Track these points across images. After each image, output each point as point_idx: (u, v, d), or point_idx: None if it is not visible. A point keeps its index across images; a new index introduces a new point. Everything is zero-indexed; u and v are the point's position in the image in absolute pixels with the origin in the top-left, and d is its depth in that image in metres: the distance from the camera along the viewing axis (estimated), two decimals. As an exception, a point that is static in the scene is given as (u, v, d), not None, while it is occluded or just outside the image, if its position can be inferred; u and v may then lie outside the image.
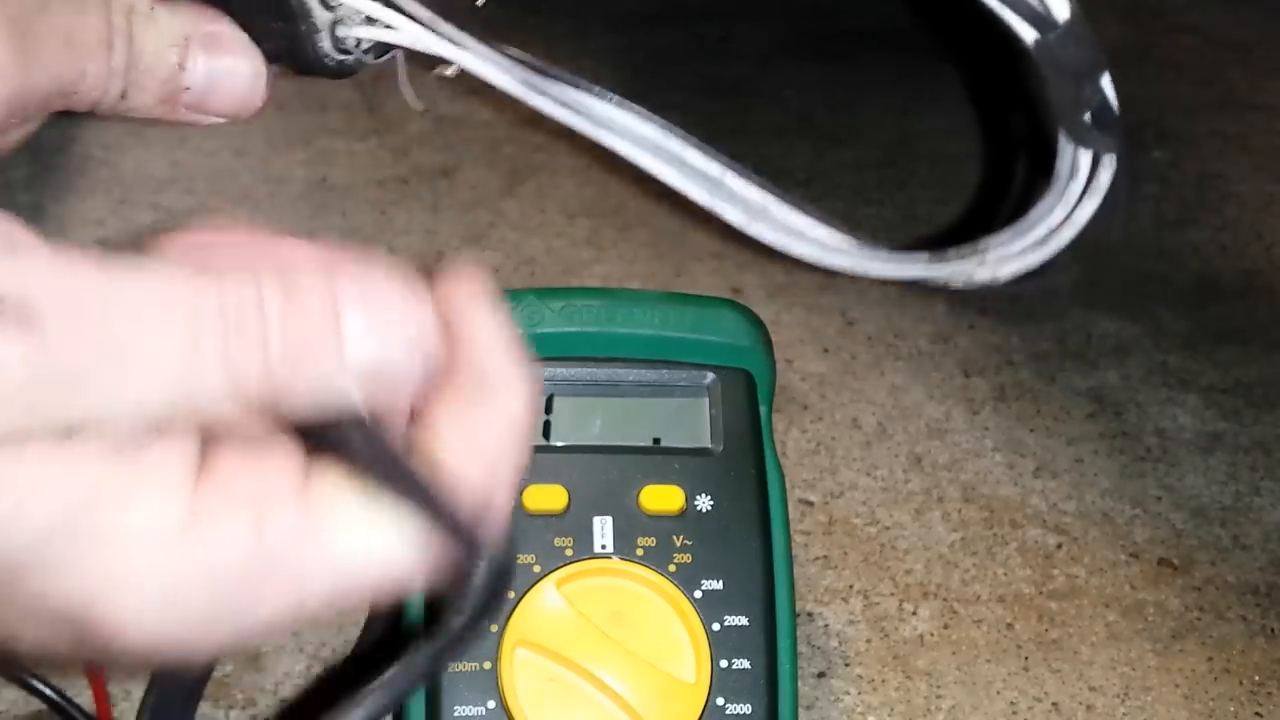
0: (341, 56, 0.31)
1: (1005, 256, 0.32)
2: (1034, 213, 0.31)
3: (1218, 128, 0.87)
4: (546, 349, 0.41)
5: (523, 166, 0.78)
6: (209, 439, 0.24)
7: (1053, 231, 0.32)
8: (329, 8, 0.30)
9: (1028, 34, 0.27)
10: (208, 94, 0.30)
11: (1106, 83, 0.29)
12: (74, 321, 0.22)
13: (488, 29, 0.33)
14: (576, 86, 0.32)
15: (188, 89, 0.29)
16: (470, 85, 0.32)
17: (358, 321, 0.23)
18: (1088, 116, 0.28)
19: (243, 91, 0.30)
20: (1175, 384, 0.64)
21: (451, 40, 0.31)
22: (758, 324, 0.42)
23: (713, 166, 0.33)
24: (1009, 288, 0.33)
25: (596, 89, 0.32)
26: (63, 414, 0.22)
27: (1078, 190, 0.30)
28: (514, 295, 0.42)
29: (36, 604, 0.23)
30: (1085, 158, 0.30)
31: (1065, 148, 0.30)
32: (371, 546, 0.24)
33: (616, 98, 0.32)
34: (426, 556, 0.24)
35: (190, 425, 0.24)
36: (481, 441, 0.26)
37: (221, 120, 0.31)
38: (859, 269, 0.33)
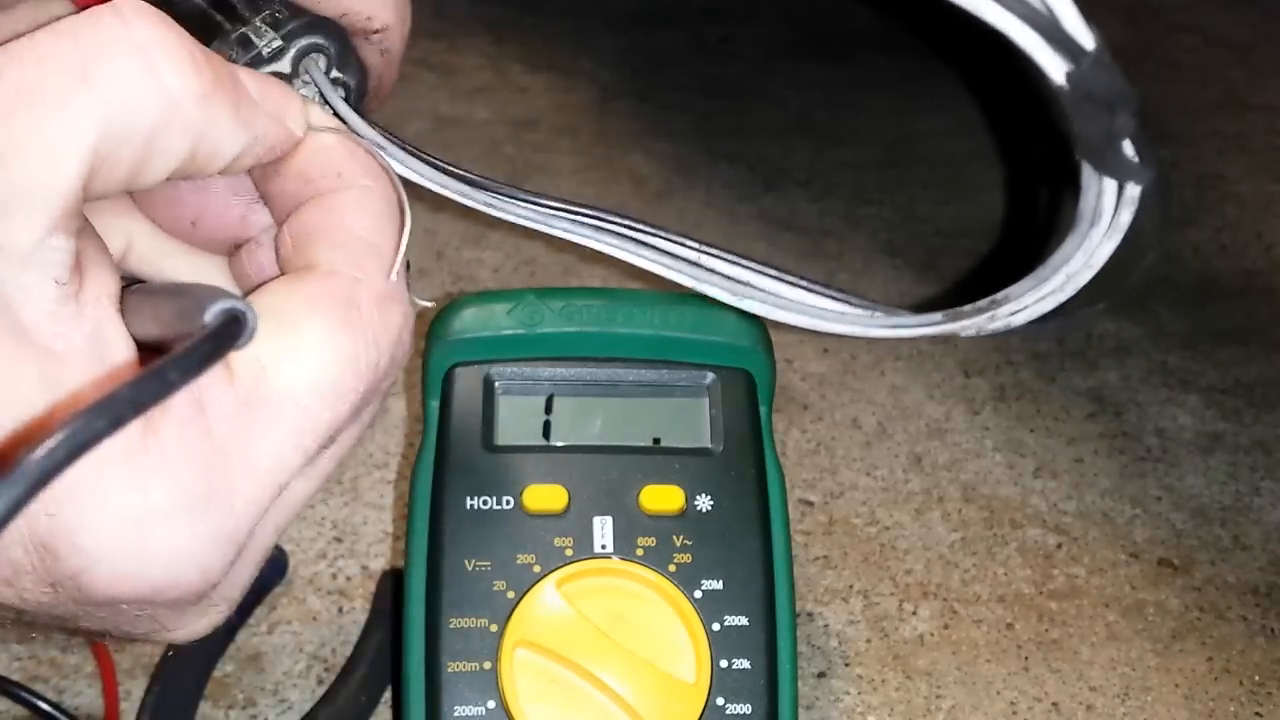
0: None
1: (1024, 306, 0.31)
2: (1054, 259, 0.30)
3: (1218, 128, 0.87)
4: (546, 349, 0.41)
5: (523, 166, 0.78)
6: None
7: (1071, 276, 0.30)
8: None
9: (1058, 69, 0.26)
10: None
11: (1137, 113, 0.27)
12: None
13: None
14: (522, 200, 0.32)
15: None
16: (470, 85, 0.32)
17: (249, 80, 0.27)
18: (1118, 146, 0.27)
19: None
20: (1175, 384, 0.64)
21: (401, 162, 0.31)
22: (758, 324, 0.42)
23: (689, 251, 0.33)
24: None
25: (540, 198, 0.33)
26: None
27: (1100, 232, 0.29)
28: (514, 295, 0.42)
29: (41, 564, 0.23)
30: (1109, 197, 0.28)
31: (1090, 184, 0.29)
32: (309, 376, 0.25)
33: (567, 205, 0.32)
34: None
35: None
36: (352, 226, 0.28)
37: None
38: (874, 335, 0.32)
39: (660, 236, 0.33)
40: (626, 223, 0.33)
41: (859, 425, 0.60)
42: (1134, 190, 0.28)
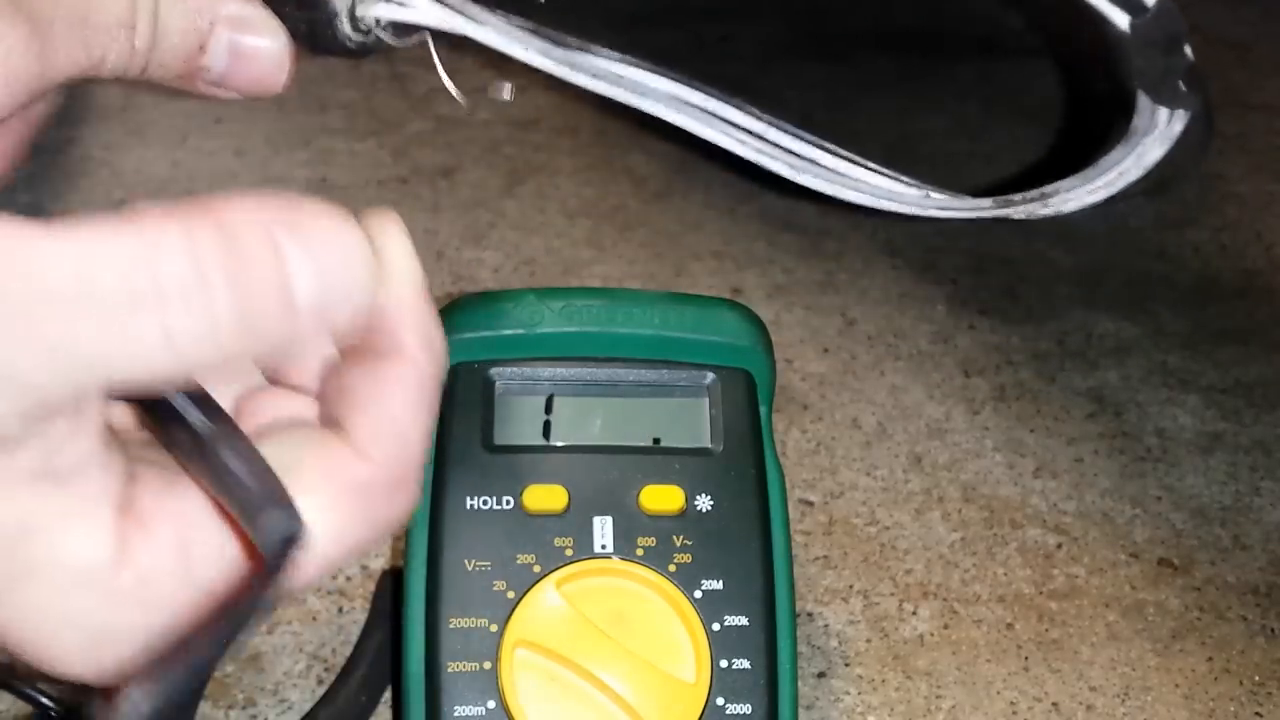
0: (360, 37, 0.31)
1: (1073, 199, 0.34)
2: (1105, 160, 0.34)
3: (1218, 128, 0.87)
4: (546, 349, 0.41)
5: (523, 166, 0.78)
6: (130, 460, 0.24)
7: (1123, 173, 0.34)
8: None
9: (1121, 19, 0.30)
10: (230, 73, 0.29)
11: (1189, 50, 0.33)
12: (8, 310, 0.20)
13: (509, 6, 0.33)
14: (599, 55, 0.32)
15: (209, 69, 0.29)
16: (470, 85, 0.32)
17: (301, 261, 0.22)
18: (1174, 80, 0.32)
19: (265, 71, 0.30)
20: (1175, 384, 0.64)
21: (470, 17, 0.31)
22: (758, 324, 0.42)
23: (755, 123, 0.33)
24: (1009, 288, 0.33)
25: (619, 55, 0.33)
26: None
27: (1153, 140, 0.33)
28: (514, 295, 0.42)
29: None
30: (1163, 114, 0.33)
31: (1144, 107, 0.33)
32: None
33: (642, 62, 0.32)
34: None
35: (115, 454, 0.23)
36: (391, 403, 0.26)
37: (241, 96, 0.30)
38: (925, 213, 0.34)
39: (729, 104, 0.34)
40: (699, 89, 0.34)
41: (859, 425, 0.60)
42: (1182, 113, 0.33)
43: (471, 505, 0.38)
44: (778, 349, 0.43)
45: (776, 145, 0.33)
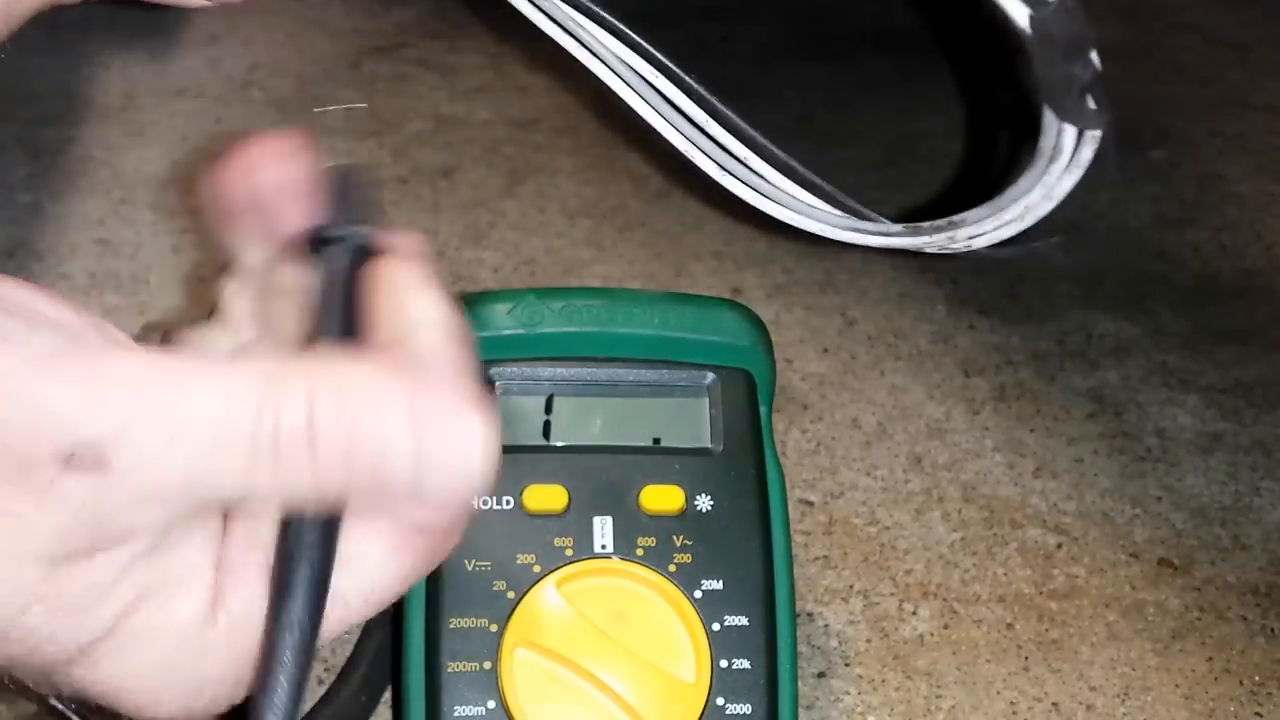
0: None
1: (983, 231, 0.32)
2: (1013, 189, 0.32)
3: (1218, 128, 0.87)
4: (546, 349, 0.41)
5: (523, 166, 0.78)
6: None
7: (1030, 208, 0.32)
8: None
9: (1021, 11, 0.27)
10: None
11: (1095, 59, 0.29)
12: (139, 454, 0.22)
13: None
14: (578, 7, 0.32)
15: None
16: (471, 85, 0.32)
17: (405, 446, 0.23)
18: (1079, 93, 0.29)
19: None
20: (1175, 384, 0.64)
21: None
22: (758, 324, 0.42)
23: (698, 112, 0.33)
24: (1009, 288, 0.33)
25: (599, 13, 0.32)
26: (118, 531, 0.23)
27: (1060, 168, 0.30)
28: (514, 295, 0.42)
29: (63, 684, 0.24)
30: (1069, 137, 0.30)
31: (1050, 126, 0.30)
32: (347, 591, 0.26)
33: (617, 25, 0.32)
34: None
35: (217, 521, 0.25)
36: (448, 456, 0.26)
37: (213, 5, 0.31)
38: (833, 235, 0.33)
39: (679, 85, 0.33)
40: (654, 61, 0.33)
41: (859, 425, 0.60)
42: (1093, 134, 0.29)
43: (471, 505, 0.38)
44: (778, 349, 0.43)
45: (711, 139, 0.32)
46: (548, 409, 0.41)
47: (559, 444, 0.40)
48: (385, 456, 0.23)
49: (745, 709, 0.37)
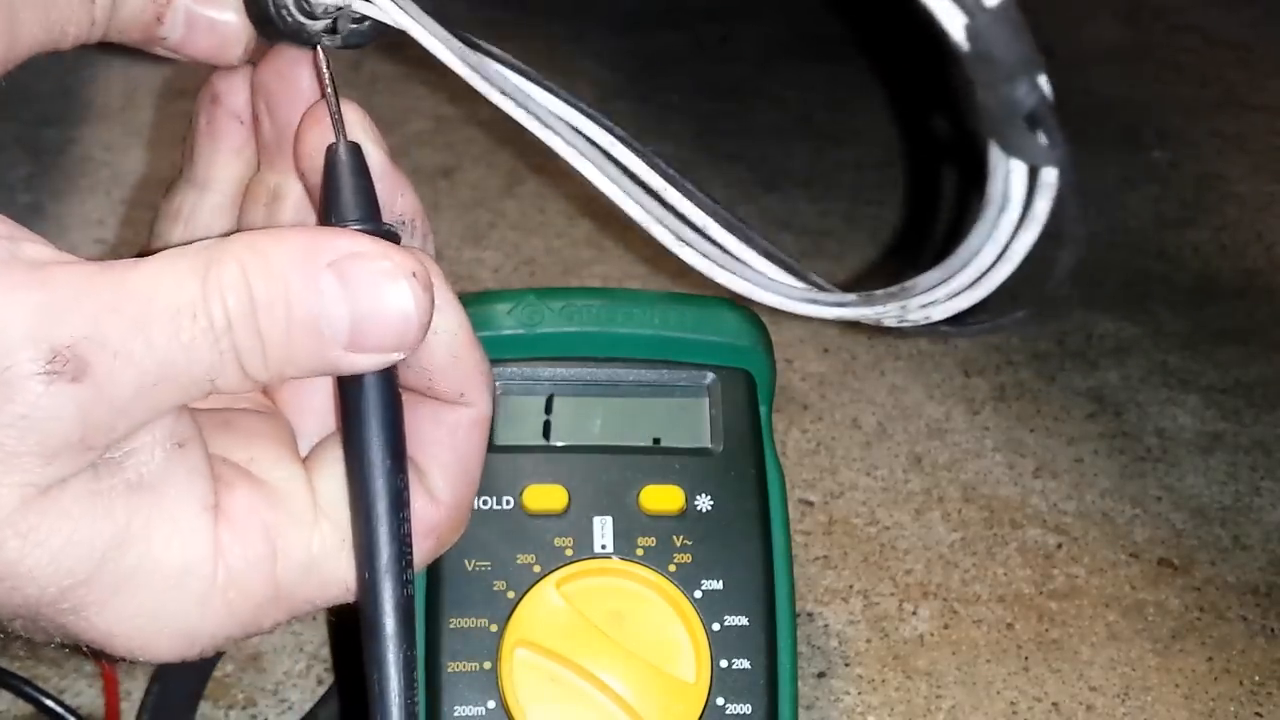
0: (302, 20, 0.31)
1: (936, 299, 0.28)
2: (963, 249, 0.27)
3: (1218, 128, 0.87)
4: (546, 349, 0.41)
5: (523, 167, 0.78)
6: (217, 474, 0.26)
7: (984, 272, 0.27)
8: None
9: (954, 18, 0.22)
10: (185, 42, 0.30)
11: (1044, 82, 0.23)
12: (116, 349, 0.23)
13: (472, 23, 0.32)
14: (511, 69, 0.31)
15: (166, 38, 0.30)
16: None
17: (339, 308, 0.24)
18: (1026, 123, 0.24)
19: (221, 43, 0.31)
20: (1175, 384, 0.64)
21: (403, 9, 0.31)
22: (758, 324, 0.42)
23: (655, 179, 0.31)
24: (1009, 288, 0.31)
25: (534, 73, 0.31)
26: (100, 450, 0.23)
27: (1011, 220, 0.25)
28: (514, 295, 0.42)
29: (57, 633, 0.24)
30: (1018, 179, 0.24)
31: (998, 165, 0.24)
32: (348, 571, 0.27)
33: (553, 86, 0.31)
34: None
35: (199, 462, 0.25)
36: (460, 447, 0.28)
37: (199, 62, 0.32)
38: (790, 308, 0.30)
39: (633, 151, 0.31)
40: (606, 128, 0.32)
41: (859, 425, 0.60)
42: (1049, 175, 0.24)
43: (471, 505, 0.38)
44: (778, 349, 0.43)
45: (669, 208, 0.30)
46: (548, 409, 0.41)
47: (559, 444, 0.40)
48: (321, 318, 0.24)
49: (745, 709, 0.37)
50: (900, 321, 0.29)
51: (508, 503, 0.38)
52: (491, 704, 0.36)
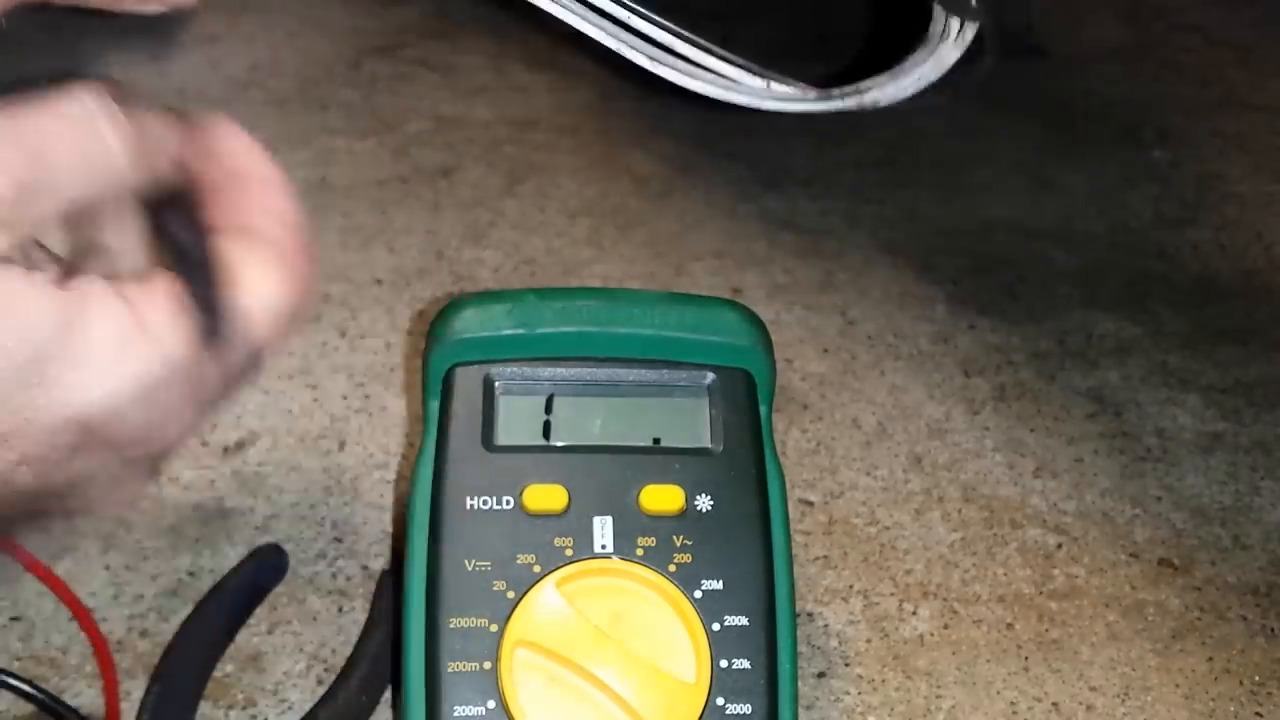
0: None
1: (882, 94, 0.39)
2: (909, 62, 0.39)
3: (1218, 128, 0.87)
4: (546, 349, 0.41)
5: (523, 166, 0.78)
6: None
7: (923, 76, 0.39)
8: None
9: None
10: None
11: None
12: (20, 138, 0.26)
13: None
14: None
15: None
16: (471, 85, 0.32)
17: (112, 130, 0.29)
18: None
19: None
20: (1175, 384, 0.64)
21: None
22: (758, 324, 0.42)
23: (623, 13, 0.37)
24: (1009, 288, 0.34)
25: None
26: (24, 229, 0.27)
27: (948, 46, 0.38)
28: (514, 295, 0.42)
29: (42, 414, 0.28)
30: (955, 23, 0.37)
31: (939, 16, 0.37)
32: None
33: None
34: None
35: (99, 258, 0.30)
36: (258, 224, 0.32)
37: (162, 10, 0.34)
38: (754, 104, 0.37)
39: None
40: None
41: (859, 425, 0.60)
42: (972, 29, 0.36)
43: (471, 505, 0.38)
44: (778, 349, 0.43)
45: (638, 34, 0.37)
46: (548, 409, 0.41)
47: (559, 444, 0.40)
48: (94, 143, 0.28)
49: (745, 709, 0.37)
50: (853, 107, 0.40)
51: (508, 503, 0.38)
52: (491, 704, 0.36)
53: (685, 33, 0.36)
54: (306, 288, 0.33)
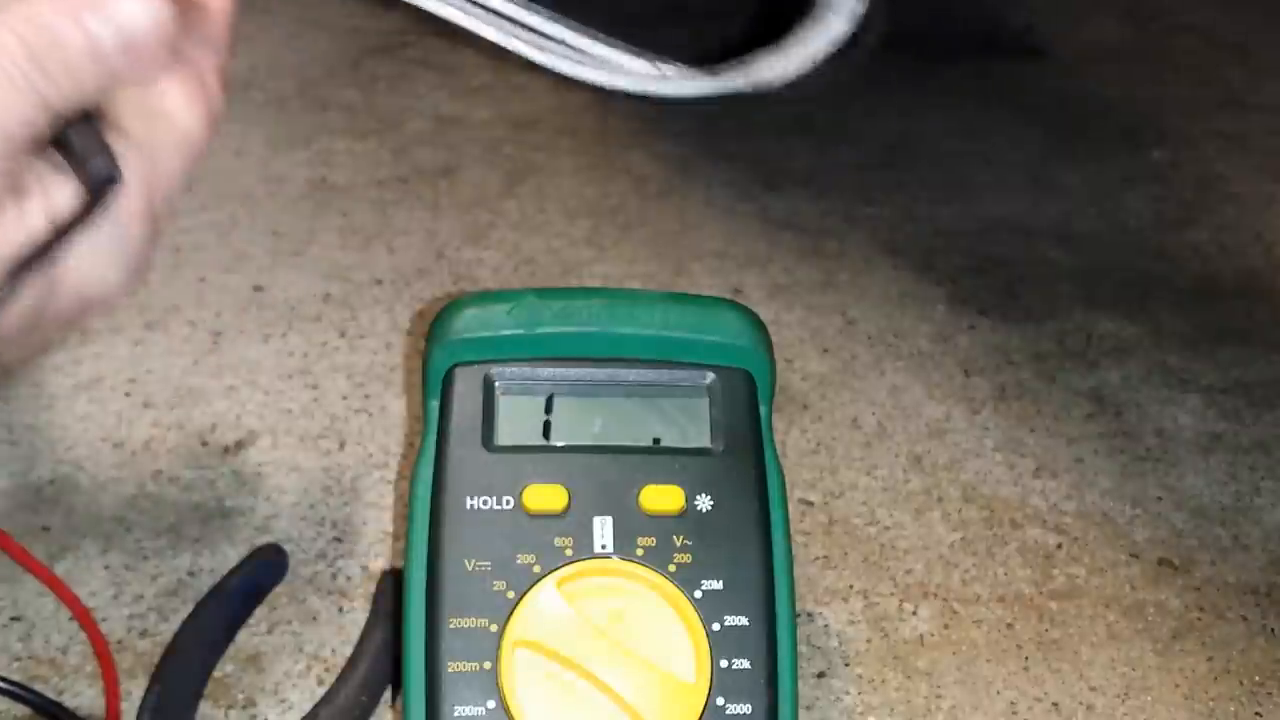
0: None
1: (771, 71, 0.39)
2: (796, 34, 0.38)
3: (1218, 128, 0.87)
4: (546, 349, 0.41)
5: (523, 166, 0.79)
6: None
7: (811, 50, 0.39)
8: None
9: None
10: None
11: None
12: None
13: None
14: None
15: None
16: (471, 85, 0.32)
17: (79, 40, 0.29)
18: None
19: None
20: (1175, 384, 0.64)
21: None
22: (758, 324, 0.42)
23: (509, 7, 0.37)
24: (1009, 288, 0.33)
25: None
26: None
27: (837, 17, 0.39)
28: (514, 295, 0.42)
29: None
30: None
31: None
32: None
33: None
34: None
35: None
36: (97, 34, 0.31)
37: None
38: (642, 88, 0.37)
39: None
40: None
41: (859, 425, 0.60)
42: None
43: (472, 505, 0.38)
44: (778, 349, 0.43)
45: (523, 25, 0.37)
46: (548, 409, 0.41)
47: (559, 444, 0.40)
48: (68, 49, 0.29)
49: (745, 709, 0.37)
50: (743, 87, 0.39)
51: (508, 503, 0.38)
52: (491, 704, 0.36)
53: (569, 20, 0.37)
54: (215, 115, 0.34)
